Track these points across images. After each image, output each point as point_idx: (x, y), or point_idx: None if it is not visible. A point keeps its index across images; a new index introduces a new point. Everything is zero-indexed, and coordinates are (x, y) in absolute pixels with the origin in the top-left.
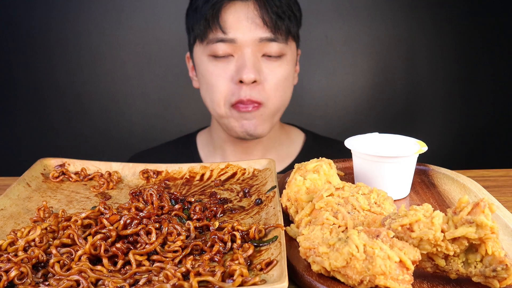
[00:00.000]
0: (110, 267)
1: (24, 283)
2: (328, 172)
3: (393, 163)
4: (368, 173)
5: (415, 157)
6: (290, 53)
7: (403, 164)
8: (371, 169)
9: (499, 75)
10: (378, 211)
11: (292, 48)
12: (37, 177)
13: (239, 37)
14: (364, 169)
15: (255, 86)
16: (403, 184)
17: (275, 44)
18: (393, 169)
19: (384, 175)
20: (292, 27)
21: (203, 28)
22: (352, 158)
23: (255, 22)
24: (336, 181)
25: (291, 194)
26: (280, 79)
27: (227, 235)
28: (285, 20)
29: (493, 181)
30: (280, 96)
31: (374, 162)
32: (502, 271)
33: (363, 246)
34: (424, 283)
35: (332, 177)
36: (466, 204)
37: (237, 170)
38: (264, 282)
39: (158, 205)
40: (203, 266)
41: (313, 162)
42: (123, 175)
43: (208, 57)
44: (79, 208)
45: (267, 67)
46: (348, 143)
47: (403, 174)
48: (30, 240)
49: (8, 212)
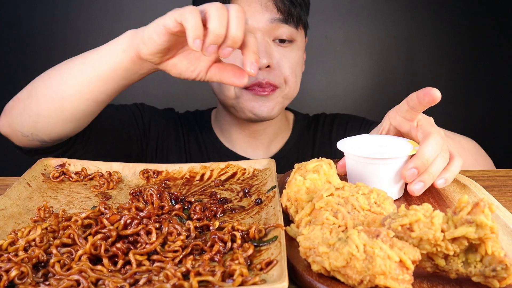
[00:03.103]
0: (110, 267)
1: (24, 282)
2: (328, 172)
3: (386, 164)
4: (361, 175)
5: (407, 158)
6: (300, 40)
7: (397, 165)
8: (364, 171)
9: (499, 75)
10: (378, 211)
11: (301, 35)
12: (37, 177)
13: (249, 20)
14: (357, 171)
15: (271, 71)
16: (397, 185)
17: (286, 27)
18: (386, 170)
19: (377, 176)
20: (303, 14)
21: None
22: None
23: (267, 6)
24: (336, 181)
25: (291, 194)
26: (293, 64)
27: (227, 235)
28: (297, 6)
29: (493, 181)
30: (295, 80)
31: (367, 164)
32: (502, 271)
33: (363, 246)
34: (424, 282)
35: (332, 177)
36: (466, 204)
37: (237, 170)
38: (264, 282)
39: (158, 205)
40: (203, 266)
41: (313, 162)
42: (123, 175)
43: None
44: (79, 208)
45: (279, 52)
46: (340, 145)
47: (396, 175)
48: (30, 240)
49: (8, 212)
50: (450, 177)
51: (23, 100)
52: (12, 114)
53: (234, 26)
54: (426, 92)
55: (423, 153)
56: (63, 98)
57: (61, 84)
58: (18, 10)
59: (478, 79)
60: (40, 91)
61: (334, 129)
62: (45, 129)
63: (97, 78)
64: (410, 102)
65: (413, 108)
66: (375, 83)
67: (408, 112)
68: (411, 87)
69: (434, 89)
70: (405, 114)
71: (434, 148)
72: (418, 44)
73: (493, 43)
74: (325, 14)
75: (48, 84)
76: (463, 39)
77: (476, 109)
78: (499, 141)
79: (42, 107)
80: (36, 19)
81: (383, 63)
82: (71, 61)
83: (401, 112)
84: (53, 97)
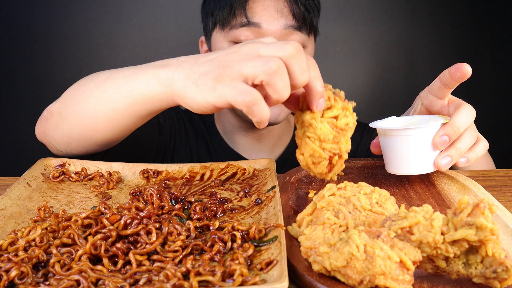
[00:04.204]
0: (110, 267)
1: (24, 282)
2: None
3: (417, 135)
4: (394, 150)
5: (439, 128)
6: (311, 47)
7: (429, 135)
8: (398, 145)
9: (499, 75)
10: (380, 211)
11: (312, 42)
12: (37, 177)
13: (263, 24)
14: (390, 147)
15: None
16: (430, 157)
17: (299, 34)
18: (417, 142)
19: (410, 148)
20: (315, 20)
21: (227, 15)
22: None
23: (282, 11)
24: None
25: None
26: None
27: (227, 235)
28: (311, 13)
29: (493, 181)
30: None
31: (400, 137)
32: (503, 272)
33: (364, 246)
34: (425, 283)
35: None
36: (466, 205)
37: (237, 170)
38: (264, 282)
39: (159, 205)
40: (203, 266)
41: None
42: (123, 174)
43: (229, 43)
44: (79, 208)
45: None
46: (372, 124)
47: (428, 147)
48: (30, 240)
49: (8, 212)
50: (472, 158)
51: (55, 117)
52: (47, 127)
53: (298, 75)
54: (457, 67)
55: (454, 120)
56: (93, 131)
57: (90, 115)
58: (17, 10)
59: (478, 79)
60: (70, 116)
61: None
62: (78, 149)
63: (131, 116)
64: (442, 79)
65: (445, 84)
66: (375, 83)
67: (441, 89)
68: (411, 87)
69: (466, 64)
70: (437, 91)
71: (466, 118)
72: (418, 44)
73: (493, 43)
74: (325, 14)
75: (77, 111)
76: (463, 39)
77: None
78: (499, 141)
79: (74, 131)
80: (36, 19)
81: (383, 63)
82: (102, 86)
83: (433, 91)
84: (82, 127)
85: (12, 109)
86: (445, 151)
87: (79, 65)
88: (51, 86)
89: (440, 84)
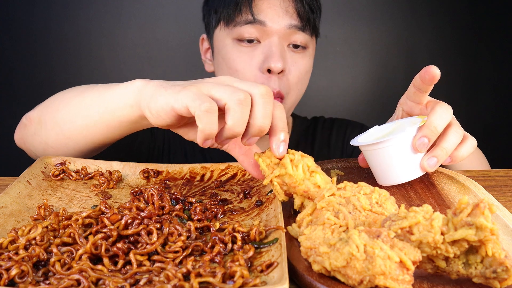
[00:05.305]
0: (110, 267)
1: (24, 281)
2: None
3: (395, 145)
4: (379, 162)
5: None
6: (312, 47)
7: (408, 142)
8: (380, 157)
9: (499, 75)
10: (380, 211)
11: (313, 44)
12: (37, 175)
13: (268, 22)
14: (374, 160)
15: (281, 77)
16: (416, 163)
17: (302, 35)
18: (399, 150)
19: (394, 158)
20: (318, 22)
21: (232, 12)
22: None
23: (287, 10)
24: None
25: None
26: (302, 72)
27: (228, 236)
28: (314, 13)
29: (493, 181)
30: (299, 89)
31: (378, 150)
32: (502, 272)
33: (363, 246)
34: (425, 283)
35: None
36: (466, 205)
37: (238, 171)
38: (264, 284)
39: (159, 205)
40: (204, 267)
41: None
42: (124, 174)
43: (232, 41)
44: (79, 207)
45: (291, 58)
46: (353, 142)
47: (411, 153)
48: (31, 239)
49: (8, 209)
50: (457, 157)
51: (34, 123)
52: (25, 133)
53: (260, 115)
54: (426, 70)
55: (430, 121)
56: (68, 138)
57: (67, 122)
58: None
59: (478, 79)
60: (49, 122)
61: (333, 133)
62: (55, 155)
63: (103, 125)
64: (415, 84)
65: (418, 89)
66: (375, 83)
67: (416, 94)
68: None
69: (433, 67)
70: (414, 97)
71: (442, 116)
72: (418, 44)
73: (493, 43)
74: (325, 14)
75: (56, 118)
76: (463, 39)
77: (476, 109)
78: (499, 141)
79: (50, 139)
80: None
81: (383, 63)
82: (81, 95)
83: (410, 96)
84: (59, 133)
85: (12, 109)
86: (430, 152)
87: (79, 65)
88: (51, 86)
89: (414, 89)
